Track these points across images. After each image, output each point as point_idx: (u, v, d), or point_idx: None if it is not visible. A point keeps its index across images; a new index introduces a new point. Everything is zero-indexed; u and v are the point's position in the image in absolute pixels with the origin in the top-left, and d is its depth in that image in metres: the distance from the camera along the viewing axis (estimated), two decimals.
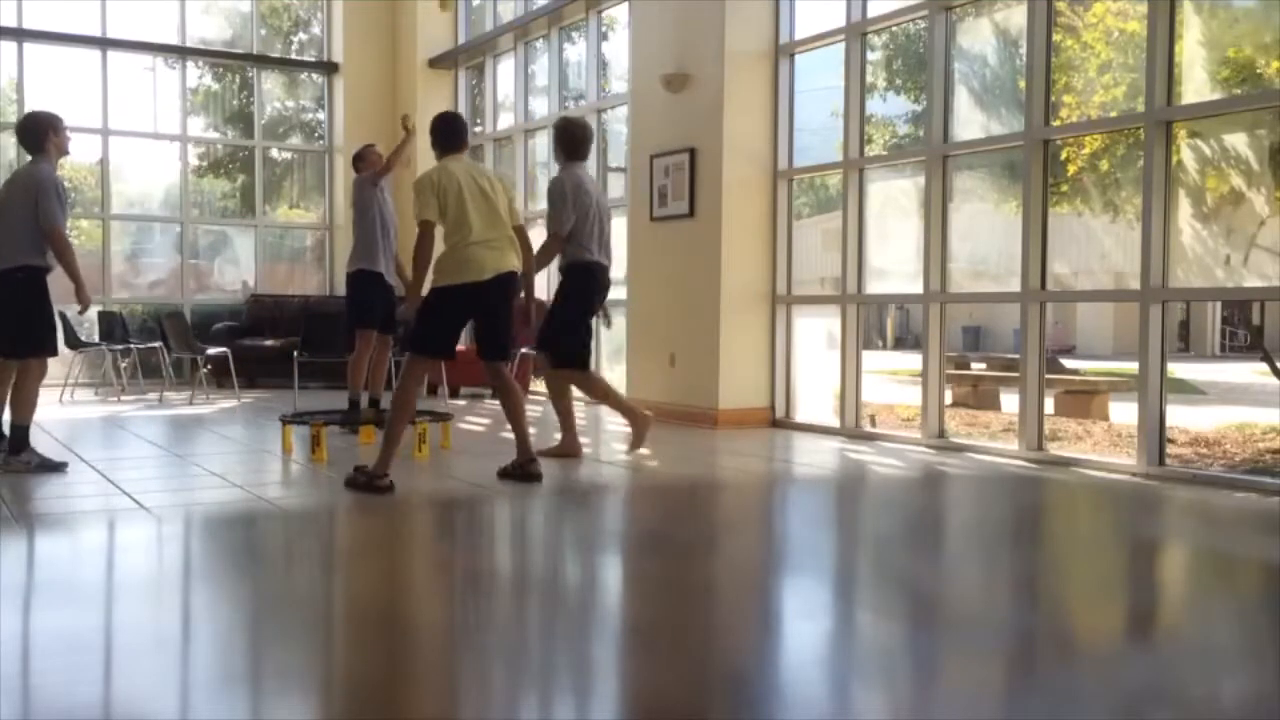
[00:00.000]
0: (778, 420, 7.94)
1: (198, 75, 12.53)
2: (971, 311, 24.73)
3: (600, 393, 6.32)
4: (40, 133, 5.54)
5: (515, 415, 5.41)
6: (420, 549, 4.51)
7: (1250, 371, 16.43)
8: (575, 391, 6.28)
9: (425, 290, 5.24)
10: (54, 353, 5.72)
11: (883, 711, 2.49)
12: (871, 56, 7.82)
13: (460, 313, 5.29)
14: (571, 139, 6.12)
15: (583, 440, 7.09)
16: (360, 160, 7.56)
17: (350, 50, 12.14)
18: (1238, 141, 6.15)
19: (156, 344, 10.05)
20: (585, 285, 6.07)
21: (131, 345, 10.22)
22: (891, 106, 8.64)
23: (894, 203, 7.65)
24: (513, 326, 5.47)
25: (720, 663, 2.78)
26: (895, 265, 7.55)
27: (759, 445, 6.96)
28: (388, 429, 5.13)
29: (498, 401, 5.83)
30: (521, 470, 5.38)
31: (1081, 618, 3.36)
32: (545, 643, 2.98)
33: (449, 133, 5.36)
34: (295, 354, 8.64)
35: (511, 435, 5.43)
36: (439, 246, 5.23)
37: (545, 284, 7.49)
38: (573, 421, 6.19)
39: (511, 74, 11.20)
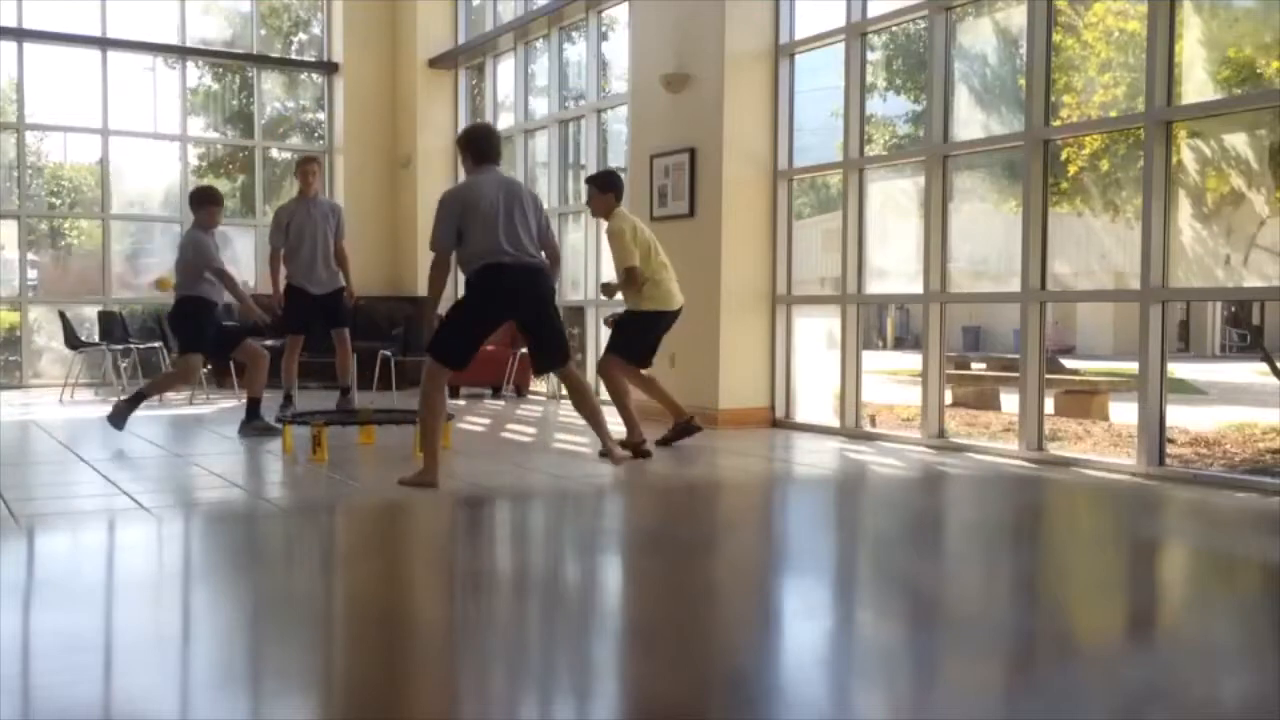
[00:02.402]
0: (778, 420, 7.94)
1: (198, 75, 12.53)
2: (971, 311, 24.72)
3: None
4: (201, 204, 7.12)
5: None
6: (420, 549, 4.51)
7: (1250, 371, 16.43)
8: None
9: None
10: (201, 351, 7.26)
11: (883, 711, 2.49)
12: (871, 56, 7.82)
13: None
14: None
15: (581, 439, 7.08)
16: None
17: (350, 50, 12.14)
18: (1238, 141, 6.15)
19: (156, 344, 10.05)
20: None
21: (131, 345, 10.22)
22: (891, 106, 8.64)
23: (894, 203, 7.65)
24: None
25: (720, 663, 2.78)
26: (895, 265, 7.56)
27: (759, 445, 6.96)
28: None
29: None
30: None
31: (1081, 618, 3.36)
32: (545, 643, 2.98)
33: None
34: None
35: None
36: None
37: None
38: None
39: (511, 74, 11.20)
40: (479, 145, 5.46)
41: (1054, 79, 6.49)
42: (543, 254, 5.43)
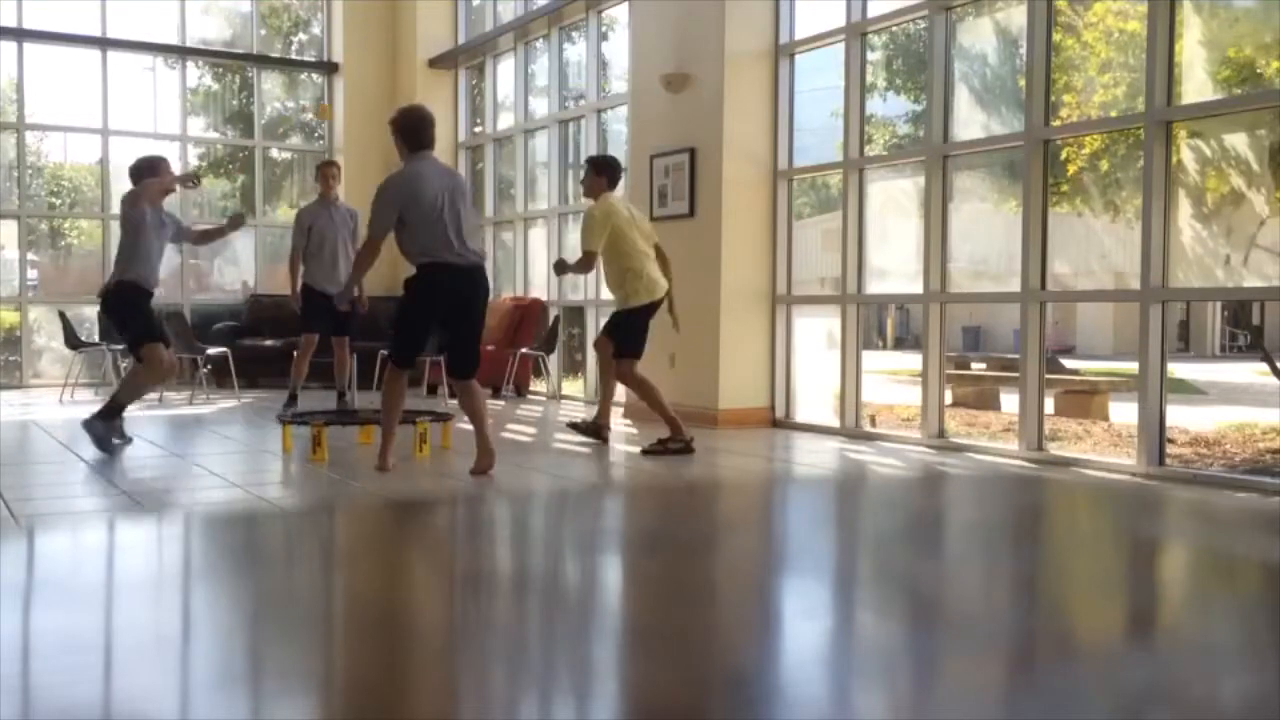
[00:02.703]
0: (778, 420, 7.94)
1: (198, 75, 12.53)
2: (971, 311, 24.72)
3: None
4: (135, 176, 6.25)
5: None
6: (420, 549, 4.51)
7: (1250, 371, 16.43)
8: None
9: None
10: (152, 340, 6.21)
11: (883, 711, 2.49)
12: (871, 56, 7.82)
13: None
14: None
15: (581, 439, 7.08)
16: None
17: (350, 50, 12.14)
18: (1238, 141, 6.15)
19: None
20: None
21: None
22: (891, 106, 8.64)
23: (894, 203, 7.65)
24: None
25: (720, 663, 2.78)
26: (895, 265, 7.55)
27: (759, 445, 6.96)
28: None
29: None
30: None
31: (1081, 618, 3.36)
32: (545, 643, 2.98)
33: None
34: (295, 354, 8.63)
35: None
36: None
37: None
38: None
39: (511, 74, 11.20)
40: (416, 132, 5.38)
41: (1054, 79, 6.49)
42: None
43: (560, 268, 6.86)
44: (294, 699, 2.52)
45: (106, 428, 6.06)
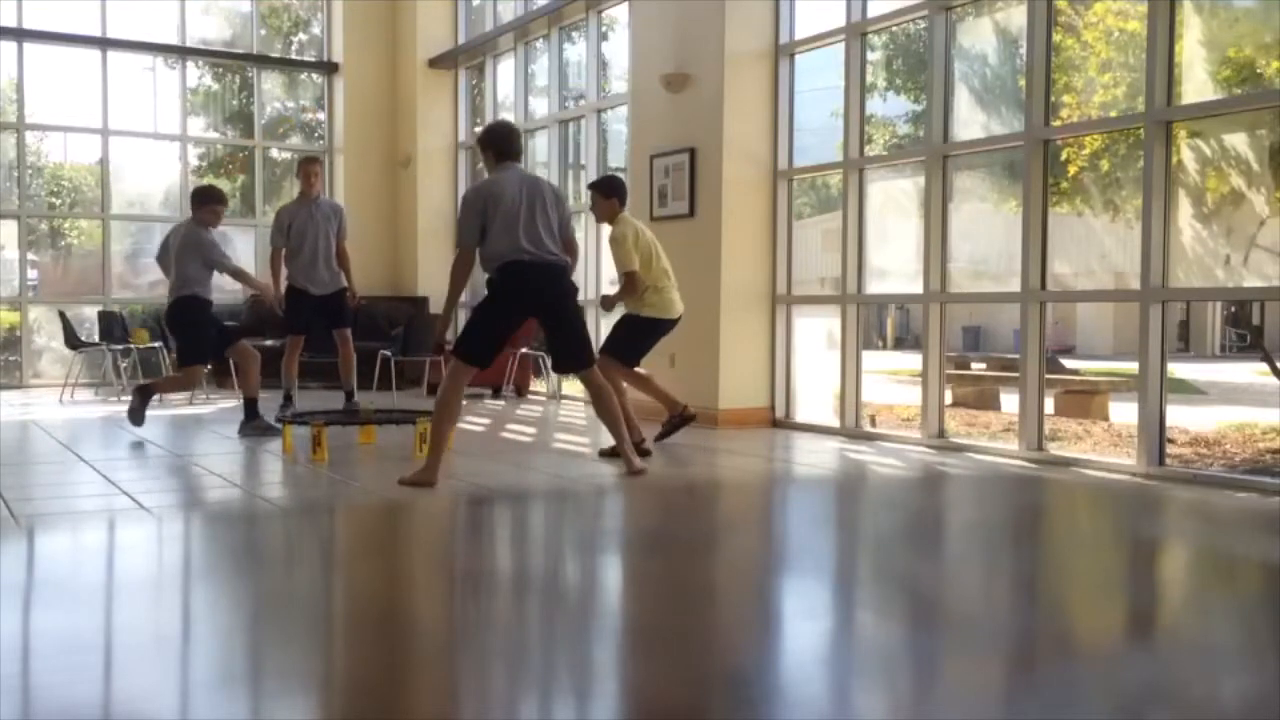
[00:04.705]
0: (778, 420, 7.94)
1: (198, 75, 12.53)
2: (971, 311, 24.72)
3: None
4: (204, 202, 7.06)
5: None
6: (420, 549, 4.51)
7: (1250, 371, 16.43)
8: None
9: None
10: (204, 362, 7.38)
11: (883, 711, 2.49)
12: (871, 56, 7.82)
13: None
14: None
15: (581, 439, 7.08)
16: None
17: (350, 50, 12.14)
18: (1238, 141, 6.15)
19: (157, 344, 10.05)
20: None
21: (131, 345, 10.21)
22: (891, 106, 8.64)
23: (894, 203, 7.65)
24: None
25: (720, 663, 2.78)
26: (895, 265, 7.56)
27: (759, 445, 6.96)
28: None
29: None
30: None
31: (1081, 618, 3.36)
32: (545, 643, 2.98)
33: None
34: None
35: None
36: None
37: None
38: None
39: (511, 74, 11.20)
40: (501, 143, 5.50)
41: (1054, 79, 6.49)
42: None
43: (607, 303, 6.68)
44: (294, 699, 2.52)
45: (141, 403, 7.03)
